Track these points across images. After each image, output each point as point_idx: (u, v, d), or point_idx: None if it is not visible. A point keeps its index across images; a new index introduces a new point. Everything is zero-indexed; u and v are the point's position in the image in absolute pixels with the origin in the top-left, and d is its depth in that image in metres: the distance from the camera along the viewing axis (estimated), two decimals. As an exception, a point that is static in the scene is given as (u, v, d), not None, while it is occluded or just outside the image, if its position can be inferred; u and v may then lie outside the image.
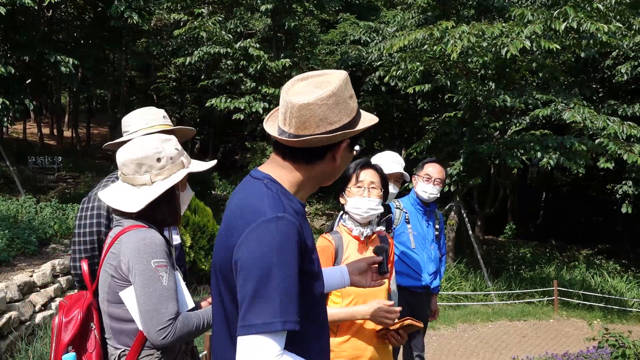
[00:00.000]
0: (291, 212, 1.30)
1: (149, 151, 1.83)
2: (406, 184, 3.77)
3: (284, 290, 1.20)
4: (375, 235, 2.42)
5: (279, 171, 1.39)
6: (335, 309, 2.17)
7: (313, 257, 1.35)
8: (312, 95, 1.31)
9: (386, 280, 1.74)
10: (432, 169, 3.72)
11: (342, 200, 2.38)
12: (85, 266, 2.06)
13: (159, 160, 1.84)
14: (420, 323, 2.20)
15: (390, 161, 3.15)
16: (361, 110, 1.44)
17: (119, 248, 1.80)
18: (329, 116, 1.31)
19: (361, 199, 2.29)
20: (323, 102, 1.30)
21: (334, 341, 2.15)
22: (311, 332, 1.33)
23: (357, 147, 1.46)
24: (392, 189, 3.14)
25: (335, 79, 1.35)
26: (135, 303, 1.76)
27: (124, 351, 1.81)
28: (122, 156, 1.87)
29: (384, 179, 2.42)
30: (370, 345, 2.23)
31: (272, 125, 1.43)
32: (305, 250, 1.30)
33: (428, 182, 3.69)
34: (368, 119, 1.41)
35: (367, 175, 2.32)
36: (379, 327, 2.19)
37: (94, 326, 1.90)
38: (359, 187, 2.31)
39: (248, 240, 1.25)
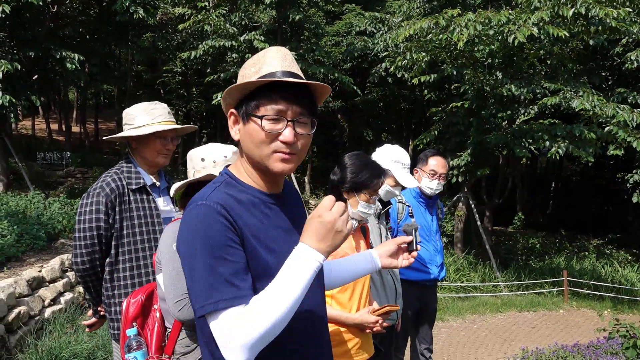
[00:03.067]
0: (218, 199, 1.27)
1: (196, 152, 2.18)
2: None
3: (212, 272, 1.19)
4: (358, 226, 2.61)
5: (236, 162, 1.41)
6: (333, 310, 2.35)
7: (263, 248, 1.29)
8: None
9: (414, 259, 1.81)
10: (437, 164, 3.65)
11: (351, 201, 2.49)
12: None
13: (202, 160, 2.14)
14: (396, 306, 2.47)
15: (394, 162, 3.10)
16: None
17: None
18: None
19: (369, 206, 2.49)
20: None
21: None
22: None
23: (265, 120, 1.29)
24: (396, 190, 3.12)
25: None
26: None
27: (170, 329, 2.13)
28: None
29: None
30: (354, 334, 2.41)
31: None
32: (242, 234, 1.26)
33: (433, 178, 3.64)
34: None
35: (379, 187, 2.53)
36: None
37: (156, 307, 2.22)
38: (371, 194, 2.48)
39: (179, 232, 1.29)
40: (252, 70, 1.32)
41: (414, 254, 1.79)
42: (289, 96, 1.28)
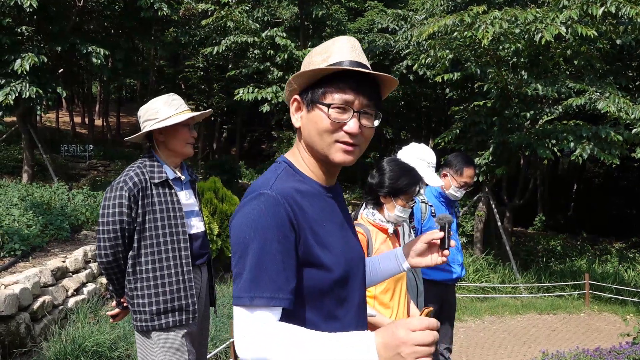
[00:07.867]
0: (282, 189, 1.23)
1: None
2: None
3: (258, 265, 1.17)
4: (395, 228, 2.66)
5: (294, 151, 1.38)
6: (383, 318, 2.41)
7: (318, 243, 1.25)
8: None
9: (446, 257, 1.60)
10: (471, 175, 3.65)
11: (388, 205, 2.52)
12: None
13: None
14: (430, 307, 2.49)
15: (420, 160, 3.10)
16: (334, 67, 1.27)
17: None
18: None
19: (405, 210, 2.55)
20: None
21: None
22: (315, 320, 1.26)
23: (334, 104, 1.25)
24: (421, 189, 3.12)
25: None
26: None
27: None
28: None
29: None
30: None
31: None
32: (300, 230, 1.22)
33: (463, 188, 3.65)
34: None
35: (416, 193, 2.61)
36: None
37: None
38: (407, 200, 2.54)
39: (234, 218, 1.26)
40: (320, 58, 1.30)
41: (446, 252, 1.57)
42: (357, 87, 1.26)
